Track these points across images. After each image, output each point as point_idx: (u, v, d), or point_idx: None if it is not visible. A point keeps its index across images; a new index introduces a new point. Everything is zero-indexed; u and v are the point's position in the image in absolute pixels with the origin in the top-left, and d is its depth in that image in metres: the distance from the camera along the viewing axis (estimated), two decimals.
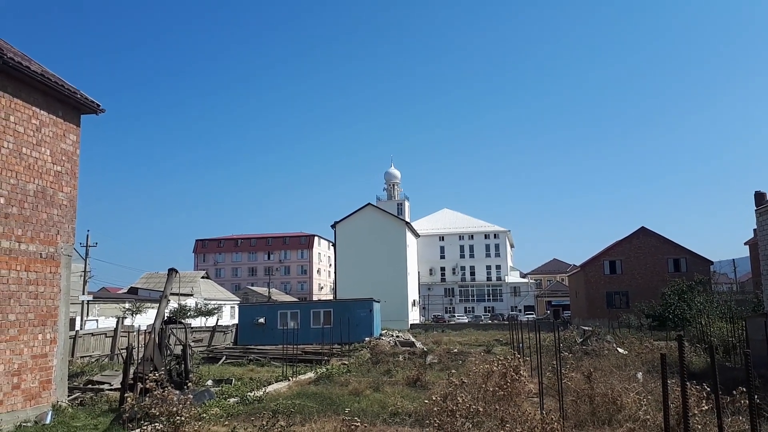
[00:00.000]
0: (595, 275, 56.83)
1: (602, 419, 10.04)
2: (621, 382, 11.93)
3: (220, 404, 12.89)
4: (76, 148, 13.75)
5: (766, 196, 18.86)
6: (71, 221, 13.47)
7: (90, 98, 13.87)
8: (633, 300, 49.90)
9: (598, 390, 10.83)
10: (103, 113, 14.34)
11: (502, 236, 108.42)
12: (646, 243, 55.63)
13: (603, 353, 20.68)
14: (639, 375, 14.18)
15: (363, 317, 37.04)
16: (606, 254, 57.72)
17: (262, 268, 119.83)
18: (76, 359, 22.89)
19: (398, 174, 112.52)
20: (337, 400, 13.45)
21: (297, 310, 38.97)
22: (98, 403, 13.59)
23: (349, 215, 75.15)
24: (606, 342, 24.39)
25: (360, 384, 15.57)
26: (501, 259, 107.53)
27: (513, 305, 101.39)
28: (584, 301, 58.06)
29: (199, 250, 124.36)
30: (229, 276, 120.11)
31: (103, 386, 15.94)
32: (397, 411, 11.77)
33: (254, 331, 36.98)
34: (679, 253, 55.31)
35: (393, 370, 19.51)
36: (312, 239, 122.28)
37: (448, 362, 21.81)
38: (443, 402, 9.40)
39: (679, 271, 52.37)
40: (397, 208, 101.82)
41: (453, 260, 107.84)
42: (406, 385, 15.97)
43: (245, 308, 41.81)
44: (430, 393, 12.49)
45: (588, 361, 16.76)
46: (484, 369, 12.58)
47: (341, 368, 20.18)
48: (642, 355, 19.48)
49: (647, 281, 52.67)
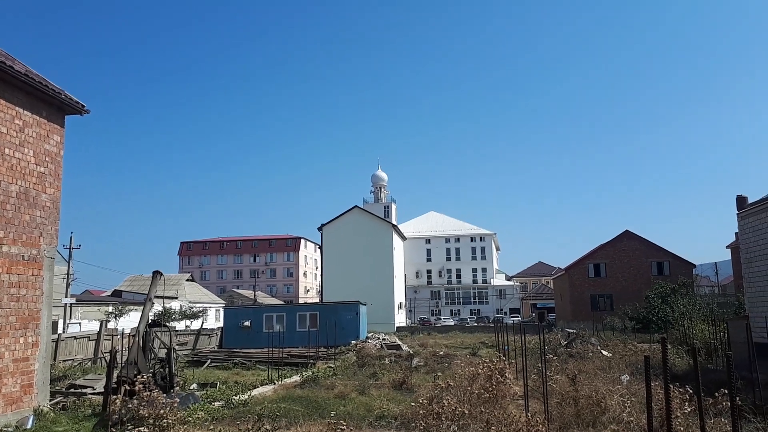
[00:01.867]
0: (580, 278, 57.27)
1: (587, 421, 10.11)
2: (605, 384, 12.01)
3: (205, 408, 12.79)
4: (60, 149, 13.61)
5: (747, 200, 19.13)
6: (54, 223, 13.32)
7: (74, 99, 13.74)
8: (617, 302, 50.36)
9: (583, 392, 10.90)
10: (88, 114, 14.22)
11: (488, 239, 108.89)
12: (630, 246, 56.18)
13: (587, 356, 20.83)
14: (623, 377, 14.30)
15: (349, 320, 36.99)
16: (590, 257, 58.20)
17: (247, 270, 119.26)
18: (58, 363, 22.59)
19: (385, 177, 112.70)
20: (323, 403, 13.42)
21: (283, 313, 38.82)
22: (81, 408, 13.43)
23: (335, 218, 75.07)
24: (590, 344, 24.58)
25: (346, 387, 15.56)
26: (487, 262, 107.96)
27: (499, 308, 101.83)
28: (569, 304, 58.47)
29: (184, 253, 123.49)
30: (214, 279, 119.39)
31: (86, 390, 15.74)
32: (382, 414, 11.78)
33: (239, 334, 36.77)
34: (663, 257, 55.90)
35: (379, 373, 19.51)
36: (298, 242, 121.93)
37: (434, 365, 21.85)
38: (429, 405, 9.43)
39: (663, 274, 52.97)
40: (384, 211, 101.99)
41: (439, 263, 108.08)
42: (392, 388, 15.98)
43: (230, 311, 41.57)
44: (416, 396, 12.53)
45: (573, 364, 16.86)
46: (470, 372, 12.61)
47: (327, 371, 20.13)
48: (626, 357, 19.63)
49: (631, 284, 53.20)
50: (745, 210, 18.49)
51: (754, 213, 17.78)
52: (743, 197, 19.36)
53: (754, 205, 17.93)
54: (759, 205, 17.47)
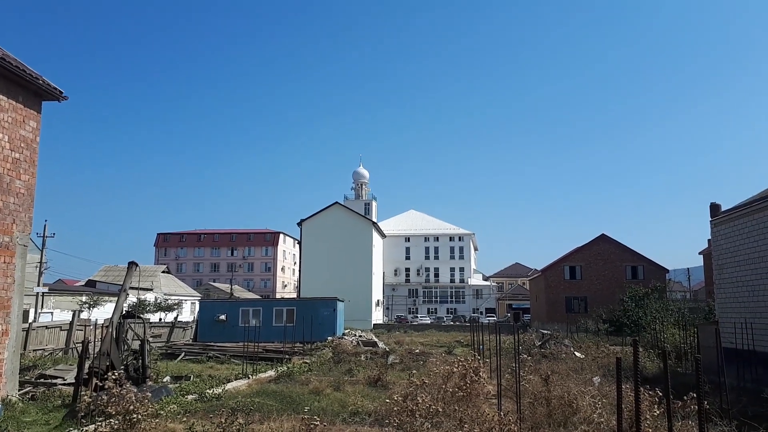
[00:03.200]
0: (556, 280, 57.84)
1: (558, 421, 10.23)
2: (577, 385, 12.17)
3: (178, 401, 12.69)
4: (35, 135, 13.37)
5: (720, 207, 19.48)
6: (28, 210, 13.09)
7: (52, 84, 13.50)
8: (591, 305, 50.96)
9: (555, 393, 11.03)
10: (66, 100, 13.99)
11: (467, 239, 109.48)
12: (606, 250, 56.87)
13: (561, 357, 21.08)
14: (595, 379, 14.50)
15: (326, 316, 36.93)
16: (566, 260, 58.81)
17: (224, 264, 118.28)
18: (28, 352, 22.24)
19: (366, 174, 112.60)
20: (298, 398, 13.40)
21: (259, 308, 38.60)
22: (51, 398, 13.25)
23: (315, 213, 74.80)
24: (564, 346, 24.87)
25: (321, 383, 15.54)
26: (465, 262, 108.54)
27: (475, 307, 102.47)
28: (544, 305, 59.06)
29: (160, 244, 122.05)
30: (190, 271, 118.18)
31: (56, 381, 15.52)
32: (357, 410, 11.80)
33: (215, 327, 36.48)
34: (637, 261, 56.70)
35: (355, 369, 19.53)
36: (277, 236, 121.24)
37: (409, 362, 21.94)
38: (403, 402, 9.46)
39: (637, 278, 53.72)
40: (365, 208, 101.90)
41: (418, 261, 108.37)
42: (367, 384, 16.01)
43: (206, 304, 41.21)
44: (390, 393, 12.56)
45: (546, 364, 17.06)
46: (445, 370, 12.68)
47: (303, 367, 20.10)
48: (598, 359, 19.91)
49: (606, 287, 53.86)
50: (718, 218, 18.83)
51: (726, 221, 18.14)
52: (717, 205, 19.70)
53: (726, 213, 18.28)
54: (732, 213, 17.82)
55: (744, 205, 17.30)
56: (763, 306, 15.76)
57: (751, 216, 16.60)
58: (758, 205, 16.22)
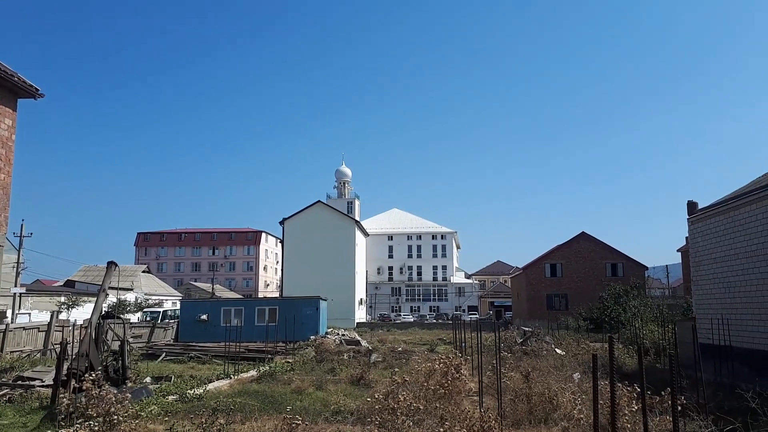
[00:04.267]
0: (537, 277, 58.33)
1: (539, 418, 10.34)
2: (558, 382, 12.29)
3: (159, 402, 12.59)
4: (11, 133, 13.16)
5: (698, 205, 19.77)
6: (4, 209, 12.88)
7: (28, 82, 13.30)
8: (572, 302, 51.48)
9: (536, 389, 11.15)
10: (42, 98, 13.78)
11: (449, 237, 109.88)
12: (586, 247, 57.49)
13: (542, 354, 21.24)
14: (575, 375, 14.65)
15: (309, 315, 36.83)
16: (547, 257, 59.33)
17: (206, 263, 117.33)
18: (5, 354, 21.91)
19: (349, 172, 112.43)
20: (279, 398, 13.36)
21: (241, 308, 38.37)
22: (28, 401, 13.07)
23: (298, 212, 74.55)
24: (545, 343, 25.06)
25: (303, 382, 15.52)
26: (447, 260, 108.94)
27: (458, 305, 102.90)
28: (525, 303, 59.52)
29: (140, 244, 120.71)
30: (171, 271, 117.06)
31: (34, 383, 15.29)
32: (339, 409, 11.80)
33: (196, 327, 36.20)
34: (617, 258, 57.37)
35: (337, 368, 19.52)
36: (259, 235, 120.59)
37: (392, 361, 21.98)
38: (385, 400, 9.48)
39: (616, 276, 54.39)
40: (348, 207, 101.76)
41: (401, 260, 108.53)
42: (350, 383, 16.02)
43: (187, 304, 40.85)
44: (372, 391, 12.58)
45: (527, 361, 17.19)
46: (427, 368, 12.74)
47: (285, 366, 20.04)
48: (578, 356, 20.11)
49: (586, 284, 54.44)
50: (695, 215, 19.13)
51: (703, 218, 18.43)
52: (694, 203, 19.98)
53: (703, 211, 18.58)
54: (708, 211, 18.11)
55: (720, 203, 17.61)
56: (739, 302, 16.06)
57: (727, 214, 16.90)
58: (733, 203, 16.52)
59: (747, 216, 15.76)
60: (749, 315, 15.49)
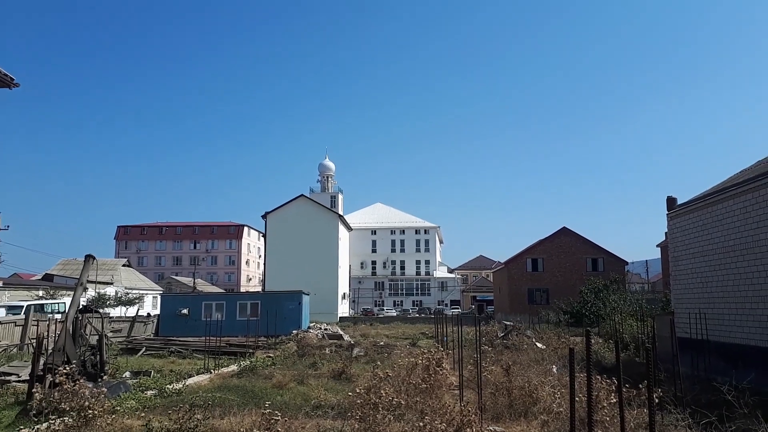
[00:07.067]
0: (518, 272, 58.65)
1: (519, 411, 10.39)
2: (538, 375, 12.37)
3: (137, 397, 12.46)
4: None
5: (677, 201, 19.98)
6: None
7: (2, 71, 13.00)
8: (553, 297, 51.80)
9: (516, 383, 11.19)
10: (17, 87, 13.49)
11: (432, 232, 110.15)
12: (567, 242, 57.89)
13: (522, 347, 21.38)
14: (553, 367, 14.76)
15: (291, 310, 36.70)
16: (529, 252, 59.66)
17: (187, 257, 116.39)
18: None
19: (332, 166, 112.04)
20: (260, 393, 13.29)
21: (223, 302, 38.12)
22: (4, 396, 12.86)
23: (281, 206, 74.16)
24: (526, 337, 25.22)
25: (284, 377, 15.45)
26: (430, 254, 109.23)
27: (440, 299, 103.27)
28: (507, 297, 59.86)
29: (120, 237, 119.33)
30: (152, 265, 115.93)
31: (10, 378, 15.06)
32: (320, 404, 11.76)
33: (177, 322, 35.88)
34: (597, 253, 57.88)
35: (319, 362, 19.47)
36: (241, 229, 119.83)
37: (374, 355, 21.98)
38: (366, 395, 9.45)
39: (597, 270, 54.84)
40: (331, 201, 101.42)
41: (384, 254, 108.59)
42: (331, 377, 15.99)
43: (168, 298, 40.51)
44: (354, 386, 12.54)
45: (508, 355, 17.29)
46: (409, 362, 12.74)
47: (266, 361, 19.95)
48: (558, 349, 20.27)
49: (567, 279, 54.86)
50: (674, 211, 19.33)
51: (682, 214, 18.64)
52: (673, 198, 20.18)
53: (682, 207, 18.78)
54: (687, 207, 18.32)
55: (698, 199, 17.82)
56: (716, 296, 16.28)
57: (705, 209, 17.11)
58: (711, 199, 16.72)
59: (725, 211, 15.97)
60: (726, 309, 15.71)
